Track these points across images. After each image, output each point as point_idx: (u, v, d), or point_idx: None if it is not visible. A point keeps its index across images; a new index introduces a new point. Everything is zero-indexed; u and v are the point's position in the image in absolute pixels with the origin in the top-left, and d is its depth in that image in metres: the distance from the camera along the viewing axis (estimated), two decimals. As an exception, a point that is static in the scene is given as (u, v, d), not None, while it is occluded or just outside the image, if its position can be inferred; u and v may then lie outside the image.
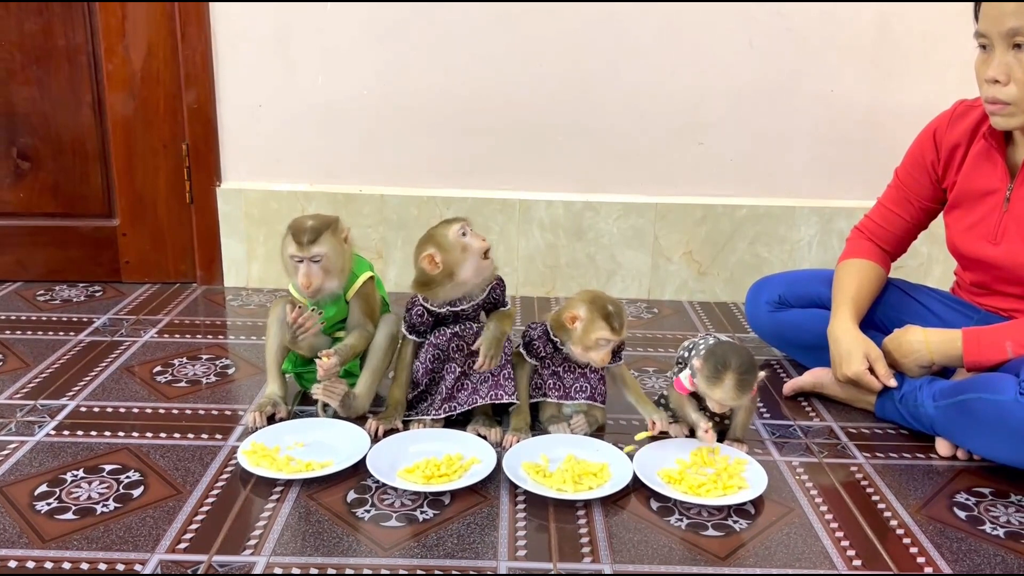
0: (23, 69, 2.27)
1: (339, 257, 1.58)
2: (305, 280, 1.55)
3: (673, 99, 2.33)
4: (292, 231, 1.56)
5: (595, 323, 1.51)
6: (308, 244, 1.54)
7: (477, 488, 1.41)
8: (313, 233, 1.54)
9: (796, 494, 1.43)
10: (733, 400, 1.46)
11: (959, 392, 1.52)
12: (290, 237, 1.56)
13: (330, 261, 1.57)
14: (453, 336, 1.60)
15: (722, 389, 1.44)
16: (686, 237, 2.41)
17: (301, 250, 1.54)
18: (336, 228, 1.59)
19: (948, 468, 1.54)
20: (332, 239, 1.57)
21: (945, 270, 2.35)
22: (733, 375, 1.43)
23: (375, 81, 2.31)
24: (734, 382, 1.43)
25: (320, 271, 1.56)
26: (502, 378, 1.58)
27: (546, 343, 1.59)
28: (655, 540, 1.30)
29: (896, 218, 1.82)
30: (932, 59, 2.29)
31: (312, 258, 1.55)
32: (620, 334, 1.52)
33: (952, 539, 1.32)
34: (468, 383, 1.61)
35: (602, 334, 1.51)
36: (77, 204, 2.39)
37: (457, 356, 1.61)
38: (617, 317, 1.51)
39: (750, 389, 1.46)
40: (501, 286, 1.64)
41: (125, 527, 1.29)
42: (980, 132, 1.65)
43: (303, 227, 1.55)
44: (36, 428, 1.60)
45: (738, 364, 1.43)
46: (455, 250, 1.52)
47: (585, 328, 1.52)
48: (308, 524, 1.31)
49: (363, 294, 1.65)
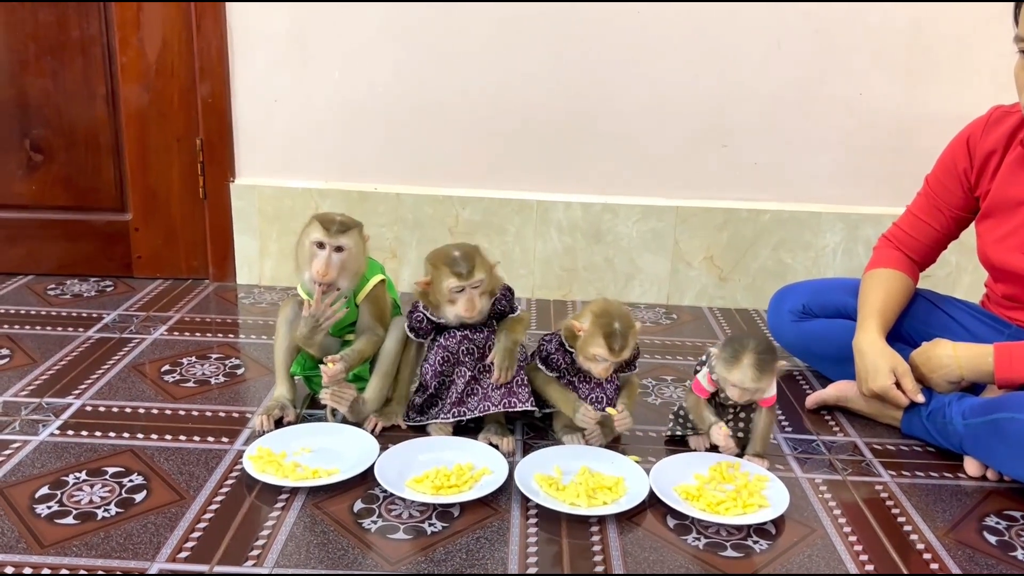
0: (37, 60, 2.25)
1: (360, 256, 1.57)
2: (323, 268, 1.51)
3: (696, 101, 2.28)
4: (320, 219, 1.54)
5: (595, 339, 1.46)
6: (336, 233, 1.51)
7: (488, 500, 1.37)
8: (342, 225, 1.53)
9: (819, 513, 1.38)
10: (752, 381, 1.42)
11: (990, 411, 1.46)
12: (317, 223, 1.53)
13: (351, 256, 1.54)
14: (463, 339, 1.55)
15: (740, 370, 1.42)
16: (707, 242, 2.36)
17: (327, 236, 1.51)
18: (362, 231, 1.58)
19: (977, 489, 1.49)
20: (358, 236, 1.56)
21: (974, 280, 2.29)
22: (751, 354, 1.41)
23: (392, 79, 2.27)
24: (752, 361, 1.41)
25: (339, 263, 1.53)
26: (515, 385, 1.54)
27: (564, 354, 1.54)
28: (671, 559, 1.25)
29: (926, 227, 1.77)
30: (965, 64, 2.23)
31: (336, 247, 1.52)
32: (618, 355, 1.46)
33: (982, 566, 1.27)
34: (479, 388, 1.56)
35: (599, 351, 1.46)
36: (89, 197, 2.37)
37: (467, 360, 1.56)
38: (619, 338, 1.45)
39: (768, 372, 1.43)
40: (508, 295, 1.59)
41: (125, 534, 1.26)
42: (1017, 139, 1.59)
43: (332, 217, 1.54)
44: (40, 427, 1.57)
45: (756, 345, 1.42)
46: (443, 296, 1.50)
47: (585, 340, 1.47)
48: (313, 534, 1.27)
49: (373, 297, 1.61)
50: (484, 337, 1.56)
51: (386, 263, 2.38)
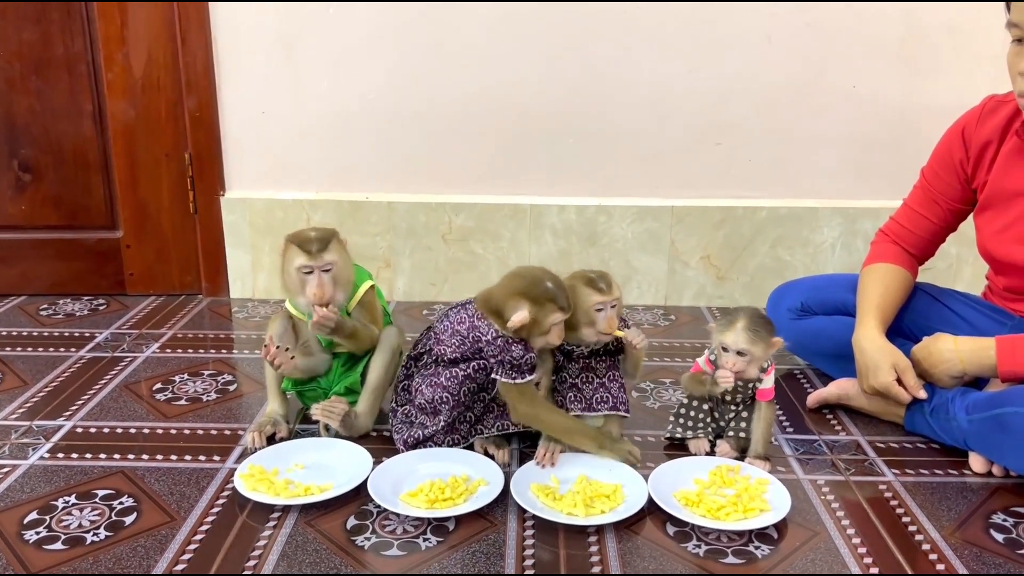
0: (22, 79, 2.23)
1: (347, 266, 1.55)
2: (319, 291, 1.48)
3: (689, 99, 2.25)
4: (297, 242, 1.50)
5: (582, 294, 1.43)
6: (318, 252, 1.49)
7: (484, 512, 1.34)
8: (321, 242, 1.49)
9: (822, 516, 1.35)
10: (745, 342, 1.44)
11: (994, 405, 1.43)
12: (296, 248, 1.49)
13: (340, 269, 1.52)
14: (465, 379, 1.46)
15: (733, 332, 1.45)
16: (704, 241, 2.33)
17: (312, 259, 1.48)
18: (339, 238, 1.55)
19: (983, 486, 1.46)
20: (339, 247, 1.53)
21: (975, 272, 2.26)
22: (745, 318, 1.45)
23: (381, 86, 2.25)
24: (746, 324, 1.44)
25: (331, 280, 1.50)
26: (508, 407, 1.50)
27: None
28: (671, 568, 1.22)
29: (923, 220, 1.74)
30: (962, 53, 2.20)
31: (323, 267, 1.49)
32: (608, 291, 1.43)
33: (990, 565, 1.24)
34: (495, 406, 1.51)
35: (593, 300, 1.42)
36: (80, 216, 2.35)
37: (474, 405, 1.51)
38: (602, 279, 1.44)
39: (760, 336, 1.45)
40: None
41: (115, 558, 1.23)
42: (1012, 128, 1.56)
43: (309, 237, 1.50)
44: (30, 451, 1.54)
45: (752, 312, 1.47)
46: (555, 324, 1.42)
47: (576, 305, 1.43)
48: (306, 553, 1.25)
49: (365, 303, 1.60)
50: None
51: (380, 272, 2.36)
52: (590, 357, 1.53)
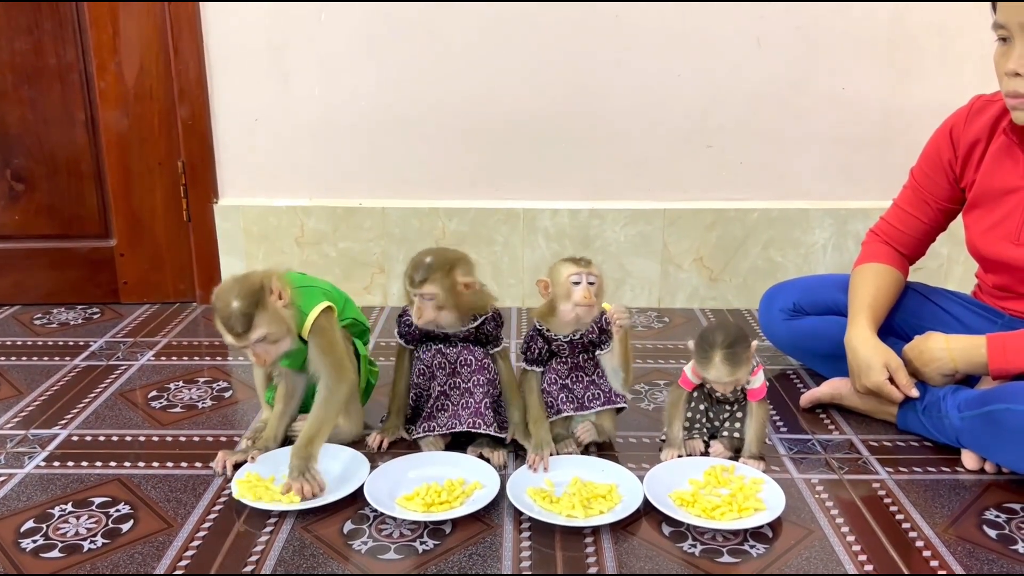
0: (15, 89, 2.23)
1: (280, 323, 1.39)
2: (258, 360, 1.40)
3: (680, 102, 2.27)
4: (221, 319, 1.36)
5: (559, 268, 1.47)
6: (244, 334, 1.35)
7: (480, 515, 1.35)
8: (245, 319, 1.34)
9: (816, 514, 1.36)
10: (728, 375, 1.44)
11: (985, 403, 1.44)
12: (221, 326, 1.36)
13: (275, 334, 1.38)
14: (437, 352, 1.55)
15: (714, 368, 1.43)
16: (696, 243, 2.34)
17: (240, 340, 1.36)
18: (264, 299, 1.36)
19: (976, 482, 1.47)
20: (265, 313, 1.36)
21: (966, 271, 2.27)
22: (720, 350, 1.42)
23: (373, 91, 2.26)
24: (722, 357, 1.42)
25: (270, 346, 1.38)
26: (483, 407, 1.51)
27: (537, 340, 1.53)
28: (667, 568, 1.23)
29: (913, 220, 1.75)
30: (949, 54, 2.22)
31: (254, 343, 1.37)
32: (586, 266, 1.46)
33: (983, 560, 1.25)
34: (448, 404, 1.54)
35: (569, 271, 1.45)
36: (73, 225, 2.35)
37: (439, 374, 1.55)
38: (581, 257, 1.48)
39: (740, 362, 1.44)
40: (494, 321, 1.56)
41: (112, 565, 1.24)
42: (1000, 128, 1.58)
43: (229, 314, 1.34)
44: (26, 460, 1.54)
45: (723, 339, 1.43)
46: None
47: (554, 281, 1.47)
48: (303, 558, 1.25)
49: (319, 329, 1.45)
50: (456, 352, 1.54)
51: (373, 278, 2.36)
52: (576, 355, 1.53)
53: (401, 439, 1.59)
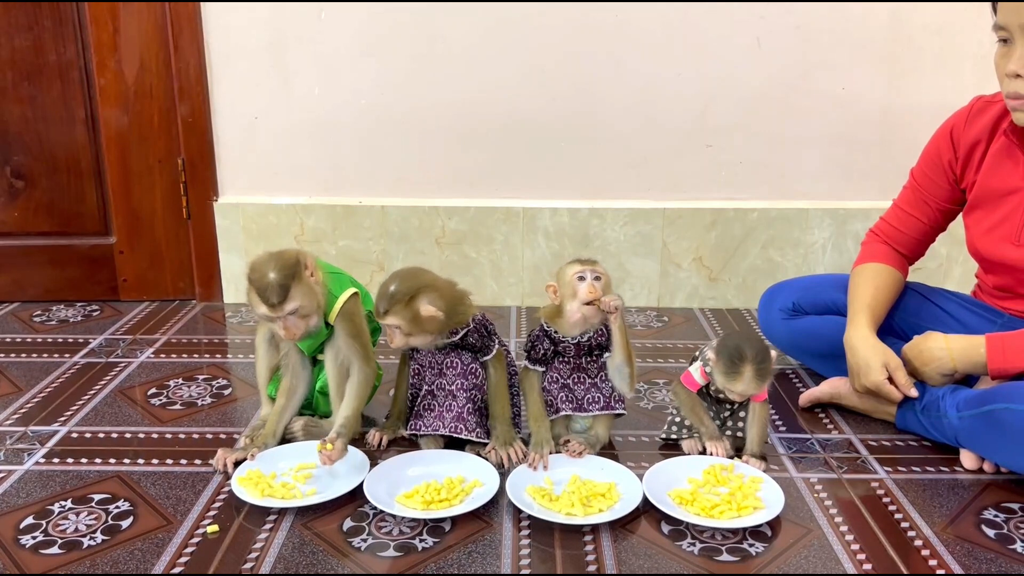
0: (15, 86, 2.23)
1: (313, 299, 1.44)
2: (288, 333, 1.44)
3: (679, 101, 2.27)
4: (257, 289, 1.40)
5: (565, 268, 1.48)
6: (279, 304, 1.39)
7: (479, 513, 1.35)
8: (281, 290, 1.39)
9: (815, 513, 1.36)
10: (756, 389, 1.45)
11: (984, 402, 1.44)
12: (256, 298, 1.41)
13: (306, 308, 1.43)
14: (428, 352, 1.55)
15: (743, 382, 1.43)
16: (696, 243, 2.35)
17: (274, 311, 1.40)
18: (300, 273, 1.42)
19: (974, 482, 1.47)
20: (301, 286, 1.42)
21: (965, 271, 2.28)
22: (751, 366, 1.42)
23: (374, 91, 2.26)
24: (753, 372, 1.42)
25: (300, 321, 1.44)
26: (465, 412, 1.52)
27: (544, 340, 1.52)
28: (666, 566, 1.23)
29: (912, 220, 1.75)
30: (948, 54, 2.22)
31: (287, 315, 1.42)
32: (592, 265, 1.47)
33: (981, 560, 1.25)
34: (435, 404, 1.54)
35: (575, 269, 1.46)
36: (73, 222, 2.35)
37: (428, 374, 1.55)
38: (584, 258, 1.49)
39: (768, 375, 1.45)
40: (478, 332, 1.51)
41: (112, 562, 1.24)
42: (1000, 129, 1.58)
43: (266, 284, 1.39)
44: (25, 456, 1.54)
45: (754, 354, 1.42)
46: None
47: (561, 281, 1.48)
48: (302, 555, 1.25)
49: (347, 313, 1.51)
50: (445, 354, 1.54)
51: (373, 276, 2.36)
52: (580, 357, 1.53)
53: (401, 437, 1.59)
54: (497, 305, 2.39)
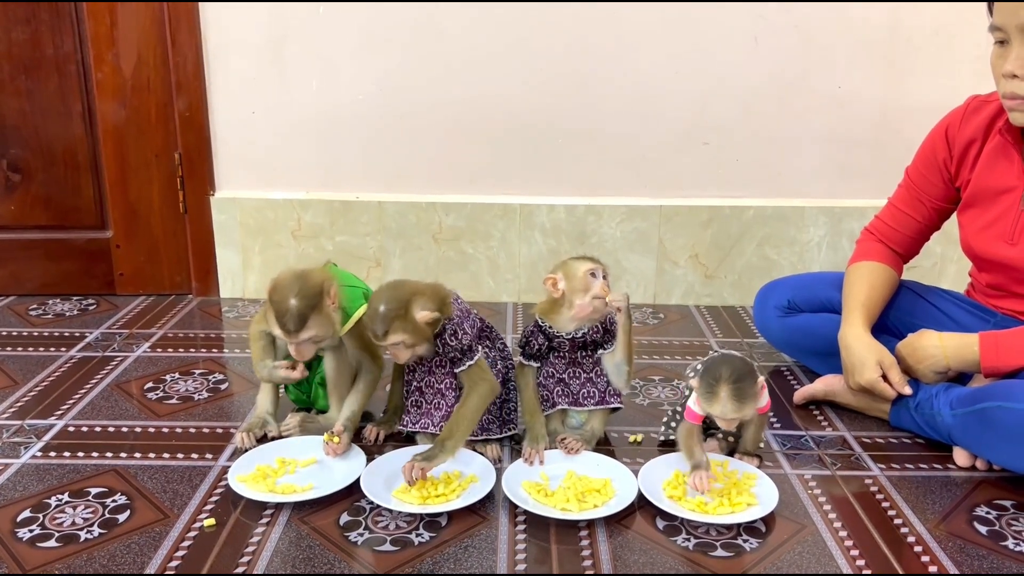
0: (11, 80, 2.23)
1: (329, 328, 1.46)
2: (298, 355, 1.47)
3: (677, 99, 2.27)
4: (276, 312, 1.41)
5: (575, 264, 1.49)
6: (296, 332, 1.41)
7: (476, 508, 1.36)
8: (299, 321, 1.40)
9: (809, 510, 1.37)
10: (734, 412, 1.35)
11: (977, 400, 1.45)
12: (274, 320, 1.42)
13: (321, 336, 1.45)
14: None
15: (720, 403, 1.34)
16: (692, 240, 2.35)
17: (289, 337, 1.43)
18: (321, 303, 1.43)
19: (967, 479, 1.48)
20: (319, 316, 1.43)
21: (960, 270, 2.28)
22: (726, 386, 1.33)
23: (371, 86, 2.26)
24: (729, 393, 1.33)
25: (312, 345, 1.46)
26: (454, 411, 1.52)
27: (538, 336, 1.53)
28: (661, 562, 1.24)
29: (907, 219, 1.76)
30: (945, 54, 2.23)
31: (301, 342, 1.44)
32: (600, 263, 1.49)
33: (973, 556, 1.26)
34: (423, 401, 1.54)
35: (587, 266, 1.48)
36: (70, 216, 2.35)
37: (418, 370, 1.55)
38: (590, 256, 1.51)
39: (747, 398, 1.35)
40: (455, 335, 1.46)
41: (109, 555, 1.24)
42: (996, 128, 1.59)
43: (285, 310, 1.40)
44: (22, 450, 1.55)
45: (729, 374, 1.34)
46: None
47: (570, 276, 1.48)
48: (299, 549, 1.26)
49: (359, 329, 1.52)
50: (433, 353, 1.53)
51: (370, 272, 2.36)
52: (575, 352, 1.54)
53: (398, 432, 1.59)
54: (494, 301, 2.40)
